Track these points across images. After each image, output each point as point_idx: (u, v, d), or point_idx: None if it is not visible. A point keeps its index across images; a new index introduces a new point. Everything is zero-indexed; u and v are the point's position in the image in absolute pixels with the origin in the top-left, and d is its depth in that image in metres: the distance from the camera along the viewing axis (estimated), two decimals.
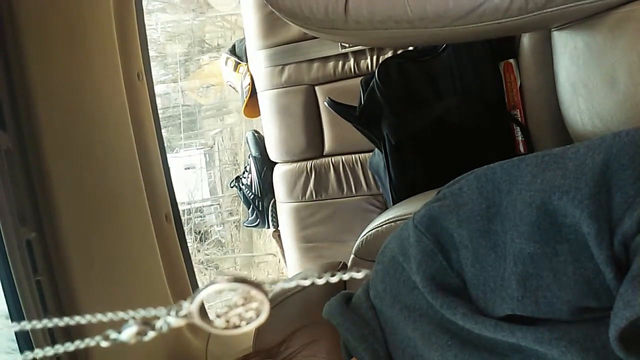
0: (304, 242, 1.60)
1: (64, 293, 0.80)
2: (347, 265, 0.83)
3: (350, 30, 0.77)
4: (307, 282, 0.24)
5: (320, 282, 0.23)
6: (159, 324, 0.23)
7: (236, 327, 0.23)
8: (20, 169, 0.77)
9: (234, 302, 0.23)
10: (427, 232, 0.47)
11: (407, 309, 0.49)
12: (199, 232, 4.83)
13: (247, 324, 0.23)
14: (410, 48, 1.25)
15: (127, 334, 0.23)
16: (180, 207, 1.42)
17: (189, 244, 1.44)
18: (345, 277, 0.23)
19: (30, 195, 0.78)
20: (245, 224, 1.89)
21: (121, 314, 0.23)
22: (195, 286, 1.34)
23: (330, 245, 1.56)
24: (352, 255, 0.83)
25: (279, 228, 1.72)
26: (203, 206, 4.97)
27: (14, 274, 0.72)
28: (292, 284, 0.23)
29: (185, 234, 1.41)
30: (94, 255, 0.90)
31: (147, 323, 0.23)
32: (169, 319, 0.23)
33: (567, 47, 0.92)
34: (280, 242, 1.74)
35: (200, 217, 4.94)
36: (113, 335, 0.23)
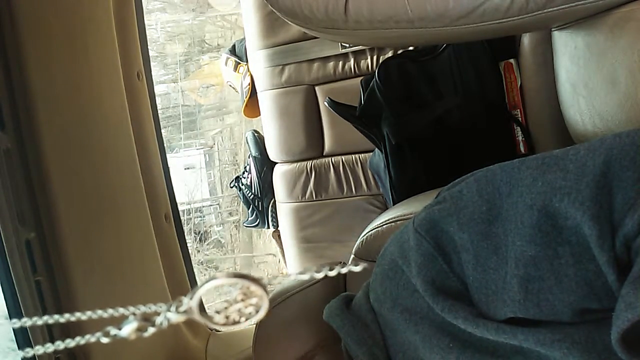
0: (303, 242, 1.60)
1: (63, 293, 0.80)
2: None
3: (350, 30, 0.77)
4: (306, 276, 0.23)
5: (319, 276, 0.23)
6: (159, 319, 0.23)
7: (235, 322, 0.23)
8: (19, 169, 0.77)
9: (233, 297, 0.23)
10: (427, 235, 0.47)
11: (407, 312, 0.49)
12: (199, 232, 4.83)
13: (247, 319, 0.23)
14: (410, 48, 1.25)
15: (127, 330, 0.23)
16: (180, 207, 1.42)
17: (188, 244, 1.44)
18: (344, 270, 0.23)
19: (30, 196, 0.78)
20: (245, 224, 1.89)
21: (121, 310, 0.23)
22: (194, 286, 1.34)
23: (330, 246, 1.56)
24: (352, 256, 0.83)
25: (278, 228, 1.72)
26: (203, 206, 4.98)
27: (13, 274, 0.71)
28: (291, 278, 0.23)
29: (185, 234, 1.41)
30: (94, 255, 0.90)
31: (147, 319, 0.23)
32: (169, 315, 0.23)
33: (567, 47, 0.92)
34: (280, 242, 1.74)
35: (200, 217, 4.94)
36: (113, 331, 0.23)
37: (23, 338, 0.73)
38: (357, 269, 0.23)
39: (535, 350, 0.40)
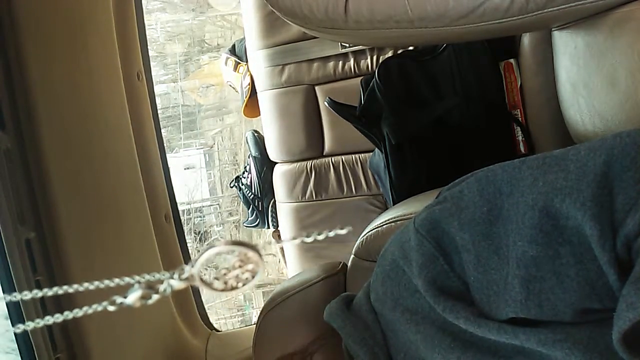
0: (303, 243, 1.60)
1: (63, 293, 0.79)
2: (346, 266, 0.83)
3: (350, 30, 0.77)
4: (297, 241, 0.25)
5: (309, 240, 0.25)
6: (162, 287, 0.24)
7: (234, 288, 0.25)
8: (19, 169, 0.77)
9: (231, 263, 0.24)
10: (429, 235, 0.47)
11: (408, 312, 0.49)
12: (199, 232, 4.83)
13: (244, 284, 0.25)
14: (410, 48, 1.25)
15: (132, 297, 0.24)
16: (180, 207, 1.42)
17: (188, 244, 1.44)
18: (331, 234, 0.25)
19: (30, 195, 0.78)
20: (245, 224, 1.89)
21: (126, 279, 0.24)
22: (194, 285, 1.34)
23: (330, 246, 1.56)
24: (352, 256, 0.83)
25: (278, 228, 1.72)
26: (203, 206, 4.98)
27: (13, 273, 0.71)
28: (286, 242, 0.25)
29: (185, 234, 1.41)
30: (93, 255, 0.90)
31: (151, 287, 0.24)
32: (172, 282, 0.24)
33: (567, 47, 0.92)
34: (280, 241, 1.74)
35: (200, 217, 4.94)
36: (119, 299, 0.24)
37: (24, 340, 0.73)
38: (343, 231, 0.24)
39: (537, 351, 0.40)
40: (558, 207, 0.39)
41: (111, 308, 0.24)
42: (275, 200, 1.69)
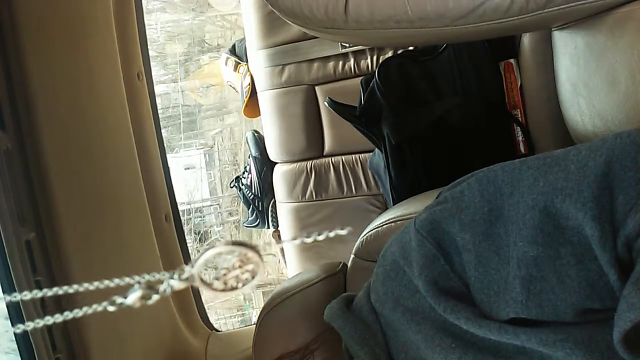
0: (303, 243, 1.60)
1: (63, 293, 0.79)
2: (346, 266, 0.83)
3: (350, 30, 0.77)
4: (297, 241, 0.25)
5: (309, 240, 0.25)
6: (162, 287, 0.24)
7: (233, 288, 0.25)
8: (19, 169, 0.77)
9: (231, 264, 0.24)
10: (429, 236, 0.47)
11: (409, 312, 0.49)
12: (199, 232, 4.83)
13: (244, 285, 0.25)
14: (410, 48, 1.25)
15: (132, 298, 0.24)
16: (180, 207, 1.42)
17: (188, 244, 1.44)
18: (331, 234, 0.25)
19: (30, 196, 0.78)
20: (245, 224, 1.89)
21: (127, 279, 0.24)
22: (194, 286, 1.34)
23: (330, 246, 1.56)
24: (352, 256, 0.83)
25: (279, 228, 1.72)
26: (203, 206, 4.98)
27: (14, 274, 0.71)
28: (286, 242, 0.25)
29: (185, 234, 1.41)
30: (94, 255, 0.90)
31: (151, 287, 0.24)
32: (172, 282, 0.24)
33: (567, 47, 0.92)
34: (280, 242, 1.74)
35: (200, 217, 4.94)
36: (119, 300, 0.24)
37: (24, 341, 0.73)
38: (343, 232, 0.25)
39: (538, 351, 0.40)
40: (559, 207, 0.39)
41: (111, 308, 0.24)
42: (275, 200, 1.69)
